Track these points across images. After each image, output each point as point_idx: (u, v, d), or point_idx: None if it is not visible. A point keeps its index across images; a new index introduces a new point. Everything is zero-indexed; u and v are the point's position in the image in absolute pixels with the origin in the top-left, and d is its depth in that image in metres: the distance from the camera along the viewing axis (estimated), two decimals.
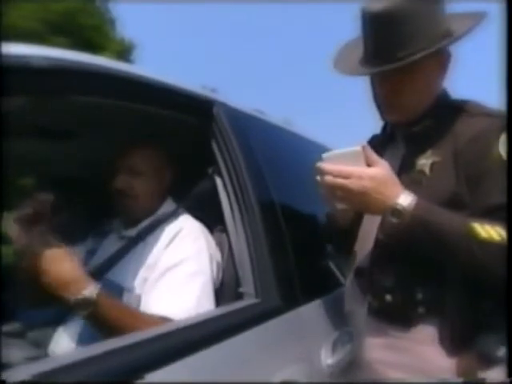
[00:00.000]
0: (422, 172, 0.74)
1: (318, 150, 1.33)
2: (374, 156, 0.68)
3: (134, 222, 1.01)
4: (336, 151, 0.68)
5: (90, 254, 1.06)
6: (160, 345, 0.63)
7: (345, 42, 0.84)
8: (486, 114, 0.72)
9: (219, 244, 1.01)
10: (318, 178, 0.70)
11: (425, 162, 0.74)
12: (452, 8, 0.77)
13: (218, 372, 0.64)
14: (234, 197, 0.92)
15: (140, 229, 1.00)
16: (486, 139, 0.69)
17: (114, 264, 0.98)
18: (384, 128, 0.91)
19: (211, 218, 1.02)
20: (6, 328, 1.06)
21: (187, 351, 0.62)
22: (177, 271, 0.86)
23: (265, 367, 0.72)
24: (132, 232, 1.01)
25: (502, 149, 0.67)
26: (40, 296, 1.00)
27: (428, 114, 0.78)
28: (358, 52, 0.78)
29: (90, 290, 0.72)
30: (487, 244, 0.62)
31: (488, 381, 0.65)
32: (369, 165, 0.67)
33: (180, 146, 1.07)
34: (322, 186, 0.70)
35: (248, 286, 0.84)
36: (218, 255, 0.97)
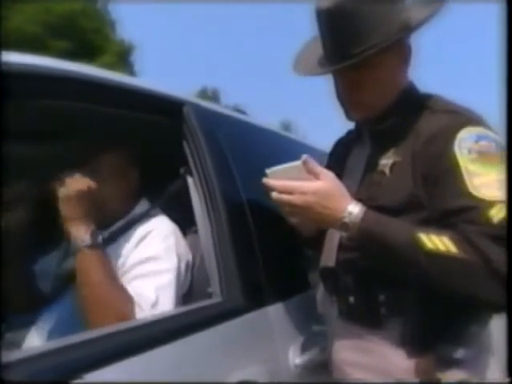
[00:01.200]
0: (382, 173, 0.72)
1: (293, 147, 1.34)
2: (317, 168, 0.66)
3: (107, 225, 1.01)
4: (279, 166, 0.67)
5: (65, 256, 1.07)
6: (117, 341, 0.63)
7: (304, 42, 0.83)
8: (448, 110, 0.70)
9: (193, 244, 1.01)
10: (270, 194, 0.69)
11: (386, 162, 0.72)
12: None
13: (172, 370, 0.64)
14: (203, 197, 0.92)
15: (112, 230, 1.00)
16: (442, 138, 0.67)
17: None
18: (356, 125, 0.90)
19: (186, 219, 1.03)
20: None
21: (143, 348, 0.61)
22: (142, 268, 0.86)
23: (223, 366, 0.71)
24: (104, 234, 1.01)
25: (458, 148, 0.64)
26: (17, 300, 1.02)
27: (393, 111, 0.75)
28: (319, 52, 0.77)
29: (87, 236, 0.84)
30: (433, 255, 0.60)
31: (446, 381, 0.65)
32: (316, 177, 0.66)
33: (152, 147, 1.07)
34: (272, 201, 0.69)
35: (215, 285, 0.84)
36: (189, 256, 0.97)
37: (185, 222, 1.04)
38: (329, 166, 0.95)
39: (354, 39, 0.69)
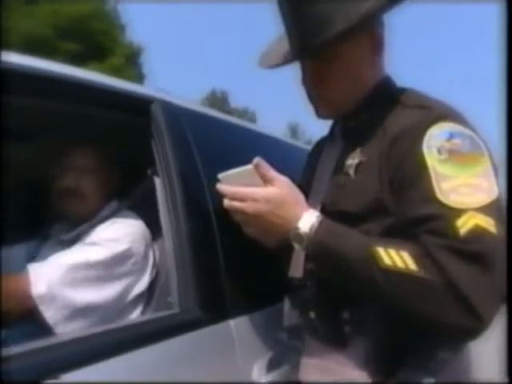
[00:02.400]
0: (347, 174, 0.65)
1: (269, 144, 1.27)
2: (270, 173, 0.60)
3: (75, 225, 0.97)
4: (231, 171, 0.62)
5: (31, 258, 1.03)
6: (62, 352, 0.59)
7: (277, 35, 0.76)
8: (420, 105, 0.61)
9: (163, 249, 0.96)
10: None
11: (351, 162, 0.65)
12: None
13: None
14: (165, 200, 0.86)
15: (78, 231, 0.96)
16: (411, 136, 0.58)
17: None
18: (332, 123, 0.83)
19: (155, 222, 0.97)
20: None
21: (87, 361, 0.57)
22: (80, 247, 0.85)
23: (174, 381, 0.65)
24: (71, 235, 0.98)
25: (426, 147, 0.56)
26: None
27: (365, 107, 0.68)
28: (286, 46, 0.70)
29: None
30: (389, 272, 0.53)
31: None
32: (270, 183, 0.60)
33: (124, 146, 1.03)
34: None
35: (174, 295, 0.78)
36: (149, 257, 0.92)
37: (155, 225, 0.99)
38: (305, 168, 0.89)
39: (314, 28, 0.62)
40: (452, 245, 0.51)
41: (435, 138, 0.56)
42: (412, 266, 0.52)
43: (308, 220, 0.59)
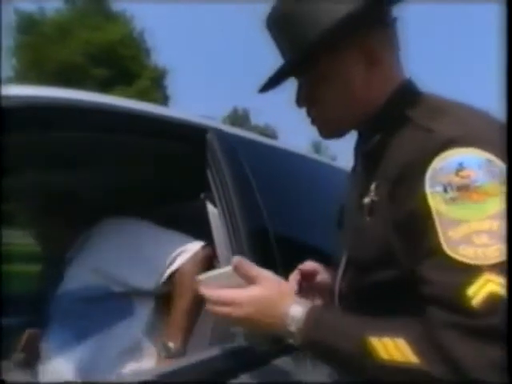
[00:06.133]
0: (363, 215, 0.55)
1: (321, 170, 1.26)
2: (251, 272, 0.56)
3: None
4: (210, 273, 0.60)
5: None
6: None
7: None
8: (425, 127, 0.49)
9: None
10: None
11: (367, 201, 0.54)
12: None
13: None
14: (225, 227, 0.86)
15: None
16: (412, 172, 0.47)
17: None
18: None
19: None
20: None
21: None
22: None
23: None
24: None
25: (429, 185, 0.44)
26: None
27: (375, 127, 0.56)
28: None
29: None
30: (387, 367, 0.44)
31: None
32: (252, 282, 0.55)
33: (175, 175, 1.05)
34: None
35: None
36: None
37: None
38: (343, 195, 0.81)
39: (289, 47, 0.57)
40: (462, 322, 0.41)
41: (441, 173, 0.44)
42: (412, 357, 0.43)
43: (295, 314, 0.53)
